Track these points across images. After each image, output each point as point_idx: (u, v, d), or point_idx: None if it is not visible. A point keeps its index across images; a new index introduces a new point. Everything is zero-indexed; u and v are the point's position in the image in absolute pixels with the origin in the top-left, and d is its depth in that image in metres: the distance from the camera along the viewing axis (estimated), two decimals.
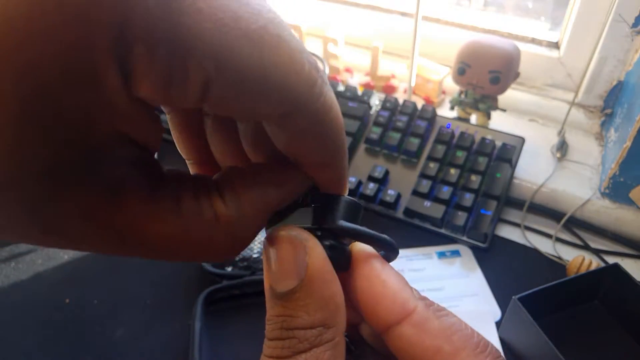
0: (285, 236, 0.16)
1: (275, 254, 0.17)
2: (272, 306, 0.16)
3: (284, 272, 0.16)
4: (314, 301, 0.16)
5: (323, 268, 0.16)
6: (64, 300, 0.49)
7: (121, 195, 0.13)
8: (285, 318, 0.16)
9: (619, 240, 0.55)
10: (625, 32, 0.59)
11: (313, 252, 0.16)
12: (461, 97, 0.64)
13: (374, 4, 0.82)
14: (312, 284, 0.16)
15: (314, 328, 0.16)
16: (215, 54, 0.12)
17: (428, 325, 0.16)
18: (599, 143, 0.65)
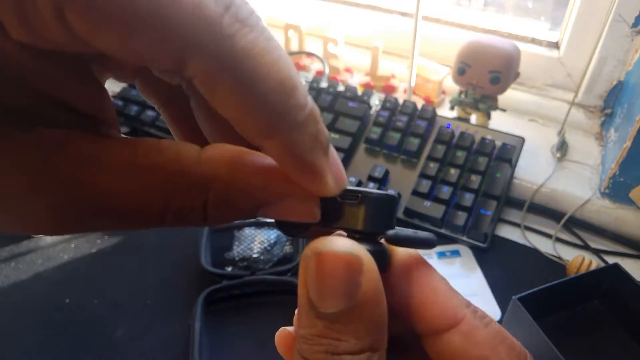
0: (339, 253, 0.14)
1: (320, 269, 0.14)
2: (313, 324, 0.14)
3: (331, 292, 0.14)
4: (364, 325, 0.14)
5: (377, 289, 0.15)
6: (64, 300, 0.49)
7: (60, 149, 0.13)
8: (331, 341, 0.14)
9: (619, 240, 0.55)
10: (625, 32, 0.59)
11: (369, 273, 0.15)
12: (461, 97, 0.64)
13: (374, 4, 0.82)
14: (364, 308, 0.14)
15: (363, 353, 0.14)
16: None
17: (475, 334, 0.16)
18: (599, 143, 0.65)
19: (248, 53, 0.12)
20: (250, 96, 0.12)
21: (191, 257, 0.52)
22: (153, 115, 0.69)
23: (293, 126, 0.13)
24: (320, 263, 0.14)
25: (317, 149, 0.14)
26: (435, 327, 0.16)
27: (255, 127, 0.13)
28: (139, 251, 0.54)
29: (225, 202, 0.14)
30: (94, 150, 0.13)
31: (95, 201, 0.13)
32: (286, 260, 0.52)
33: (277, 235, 0.54)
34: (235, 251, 0.52)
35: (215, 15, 0.12)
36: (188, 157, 0.14)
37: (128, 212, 0.13)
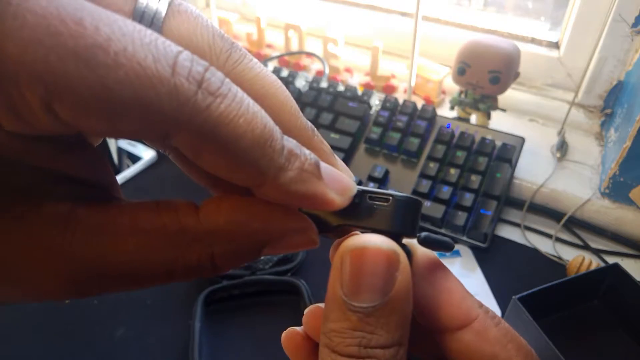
0: (381, 249, 0.16)
1: (358, 264, 0.15)
2: (346, 318, 0.15)
3: (368, 286, 0.15)
4: (396, 319, 0.15)
5: (409, 286, 0.16)
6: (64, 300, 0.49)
7: (69, 223, 0.14)
8: (365, 334, 0.15)
9: (619, 240, 0.55)
10: (625, 32, 0.59)
11: (404, 270, 0.16)
12: (461, 97, 0.64)
13: (374, 4, 0.82)
14: (397, 302, 0.15)
15: (393, 347, 0.15)
16: (41, 77, 0.11)
17: (487, 333, 0.17)
18: (599, 143, 0.65)
19: (223, 120, 0.13)
20: (232, 156, 0.14)
21: None
22: None
23: (277, 170, 0.14)
24: (360, 258, 0.15)
25: (308, 179, 0.15)
26: (450, 325, 0.17)
27: (243, 181, 0.14)
28: None
29: (230, 251, 0.15)
30: (99, 220, 0.14)
31: (105, 268, 0.14)
32: (286, 260, 0.52)
33: None
34: None
35: (190, 93, 0.13)
36: (187, 216, 0.15)
37: (137, 275, 0.15)
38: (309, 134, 0.18)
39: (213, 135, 0.13)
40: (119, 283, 0.15)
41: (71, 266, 0.14)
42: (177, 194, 0.61)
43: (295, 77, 0.68)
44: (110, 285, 0.15)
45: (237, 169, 0.14)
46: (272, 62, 0.79)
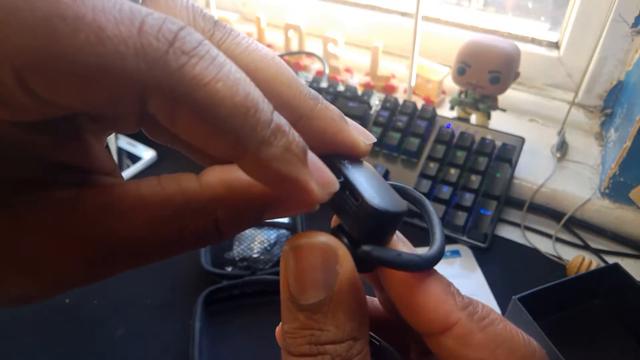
0: (315, 243, 0.15)
1: (299, 262, 0.15)
2: (294, 318, 0.15)
3: (311, 282, 0.15)
4: (344, 313, 0.15)
5: (353, 277, 0.15)
6: (64, 300, 0.49)
7: (77, 206, 0.14)
8: (313, 332, 0.15)
9: (619, 240, 0.55)
10: (625, 32, 0.59)
11: (345, 262, 0.15)
12: (461, 97, 0.64)
13: (373, 4, 0.82)
14: (342, 295, 0.15)
15: (344, 342, 0.15)
16: (7, 56, 0.11)
17: (470, 338, 0.16)
18: (599, 143, 0.65)
19: (198, 83, 0.12)
20: (208, 123, 0.13)
21: (191, 257, 0.52)
22: None
23: (259, 144, 0.13)
24: (298, 255, 0.15)
25: (292, 161, 0.14)
26: (427, 330, 0.16)
27: (222, 151, 0.14)
28: None
29: (233, 217, 0.16)
30: (104, 200, 0.15)
31: (118, 246, 0.15)
32: None
33: (277, 235, 0.54)
34: (235, 251, 0.52)
35: (159, 52, 0.12)
36: (189, 187, 0.15)
37: (148, 248, 0.15)
38: (310, 104, 0.17)
39: (188, 98, 0.12)
40: (132, 259, 0.15)
41: (84, 247, 0.14)
42: None
43: None
44: (124, 263, 0.15)
45: (215, 138, 0.13)
46: None
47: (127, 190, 0.15)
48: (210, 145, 0.14)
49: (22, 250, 0.14)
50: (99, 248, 0.14)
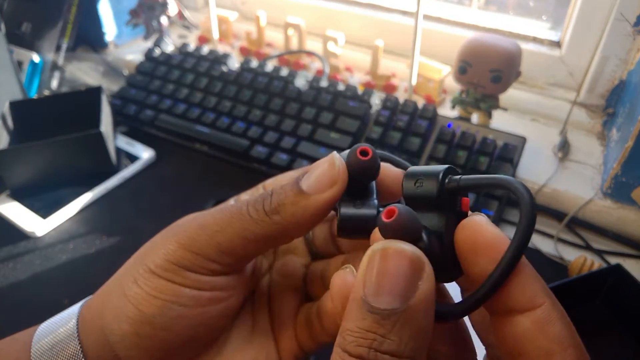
0: (406, 252, 0.15)
1: (384, 265, 0.15)
2: (362, 317, 0.15)
3: (389, 288, 0.15)
4: (411, 329, 0.15)
5: (430, 300, 0.15)
6: (62, 301, 0.49)
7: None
8: (377, 337, 0.15)
9: (621, 241, 0.54)
10: (627, 31, 0.59)
11: (428, 281, 0.15)
12: (462, 97, 0.63)
13: (374, 3, 0.82)
14: (415, 312, 0.15)
15: (403, 358, 0.15)
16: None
17: (549, 326, 0.16)
18: (601, 143, 0.64)
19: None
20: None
21: None
22: (151, 114, 0.68)
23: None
24: (385, 258, 0.15)
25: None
26: (510, 306, 0.16)
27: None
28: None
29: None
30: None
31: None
32: None
33: None
34: None
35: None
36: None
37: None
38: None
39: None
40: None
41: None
42: (176, 194, 0.60)
43: (295, 76, 0.67)
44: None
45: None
46: (271, 61, 0.79)
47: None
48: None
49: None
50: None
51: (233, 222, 0.22)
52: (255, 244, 0.22)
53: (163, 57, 0.75)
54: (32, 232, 0.55)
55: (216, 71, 0.70)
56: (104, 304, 0.23)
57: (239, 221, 0.21)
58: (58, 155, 0.59)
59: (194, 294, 0.22)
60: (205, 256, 0.22)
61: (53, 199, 0.58)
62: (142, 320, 0.21)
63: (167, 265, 0.22)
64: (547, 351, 0.15)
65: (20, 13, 0.81)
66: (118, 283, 0.23)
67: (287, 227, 0.21)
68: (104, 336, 0.22)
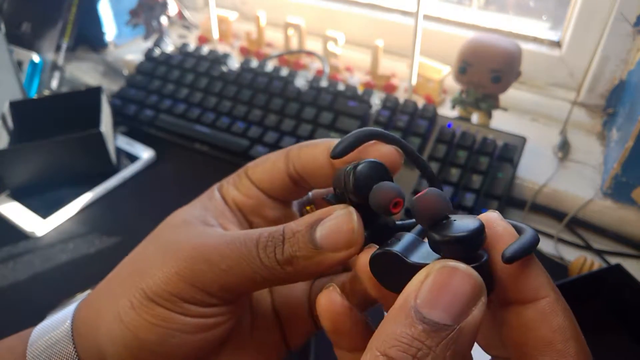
0: (472, 276, 0.16)
1: (448, 280, 0.16)
2: (411, 325, 0.15)
3: (446, 304, 0.15)
4: (454, 350, 0.15)
5: (478, 324, 0.16)
6: (63, 300, 0.49)
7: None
8: (423, 348, 0.14)
9: (621, 241, 0.54)
10: (627, 31, 0.59)
11: (482, 307, 0.16)
12: (462, 97, 0.63)
13: (374, 3, 0.82)
14: (464, 333, 0.15)
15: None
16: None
17: (552, 318, 0.16)
18: (601, 143, 0.64)
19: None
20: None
21: None
22: (151, 114, 0.68)
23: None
24: (451, 275, 0.16)
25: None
26: (515, 296, 0.17)
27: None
28: None
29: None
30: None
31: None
32: None
33: None
34: None
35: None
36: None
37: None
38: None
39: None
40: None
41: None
42: (176, 193, 0.60)
43: (295, 76, 0.67)
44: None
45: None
46: (271, 61, 0.79)
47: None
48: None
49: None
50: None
51: (242, 264, 0.21)
52: (262, 285, 0.22)
53: (163, 57, 0.75)
54: (32, 232, 0.55)
55: (216, 71, 0.70)
56: (98, 321, 0.23)
57: (248, 265, 0.21)
58: (58, 155, 0.59)
59: (195, 322, 0.22)
60: (208, 292, 0.21)
61: (53, 199, 0.58)
62: (141, 346, 0.21)
63: (166, 296, 0.21)
64: (548, 341, 0.16)
65: (20, 13, 0.81)
66: (112, 301, 0.22)
67: (298, 277, 0.21)
68: (100, 353, 0.22)
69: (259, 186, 0.26)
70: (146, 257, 0.23)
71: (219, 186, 0.28)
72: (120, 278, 0.23)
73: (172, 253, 0.22)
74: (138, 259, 0.24)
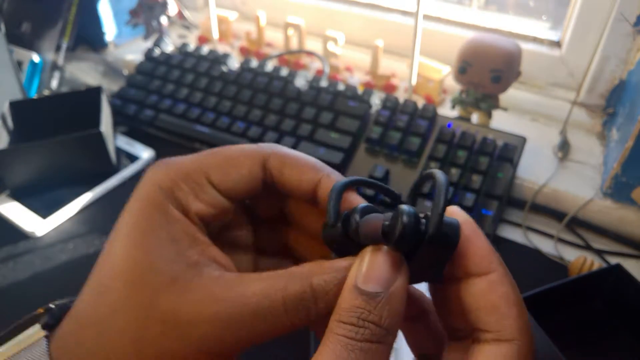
0: (392, 256, 0.20)
1: (375, 260, 0.20)
2: (354, 298, 0.19)
3: (376, 278, 0.19)
4: (389, 310, 0.19)
5: (405, 288, 0.20)
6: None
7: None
8: (364, 311, 0.19)
9: (621, 241, 0.54)
10: (627, 31, 0.59)
11: (404, 277, 0.20)
12: (462, 96, 0.63)
13: (374, 3, 0.82)
14: (393, 297, 0.19)
15: (382, 328, 0.19)
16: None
17: (499, 287, 0.20)
18: (601, 143, 0.64)
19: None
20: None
21: None
22: (151, 114, 0.68)
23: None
24: (376, 255, 0.20)
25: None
26: (470, 270, 0.21)
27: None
28: None
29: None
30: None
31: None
32: None
33: None
34: None
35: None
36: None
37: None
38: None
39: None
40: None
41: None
42: None
43: (295, 76, 0.67)
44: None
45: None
46: (271, 61, 0.79)
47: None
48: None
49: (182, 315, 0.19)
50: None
51: (261, 326, 0.20)
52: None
53: (163, 57, 0.75)
54: (32, 232, 0.55)
55: (216, 71, 0.70)
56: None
57: (268, 324, 0.20)
58: (58, 155, 0.59)
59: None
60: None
61: (53, 199, 0.58)
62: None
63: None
64: (495, 305, 0.20)
65: (20, 13, 0.81)
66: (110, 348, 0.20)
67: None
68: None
69: (227, 194, 0.23)
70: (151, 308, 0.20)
71: (171, 199, 0.21)
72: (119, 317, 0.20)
73: (188, 330, 0.19)
74: (143, 299, 0.20)
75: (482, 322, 0.20)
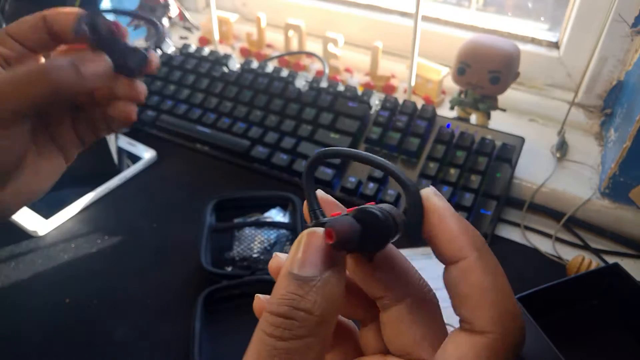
0: (321, 233, 0.19)
1: (309, 243, 0.19)
2: (288, 284, 0.18)
3: (310, 261, 0.19)
4: (323, 295, 0.18)
5: (341, 275, 0.19)
6: (63, 300, 0.49)
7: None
8: (296, 297, 0.18)
9: (619, 240, 0.55)
10: (625, 32, 0.59)
11: (342, 260, 0.19)
12: (461, 97, 0.64)
13: (373, 4, 0.82)
14: (327, 284, 0.19)
15: (315, 316, 0.18)
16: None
17: (469, 275, 0.19)
18: (599, 143, 0.65)
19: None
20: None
21: (191, 257, 0.52)
22: (153, 115, 0.69)
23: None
24: (310, 238, 0.19)
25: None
26: (442, 259, 0.20)
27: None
28: (139, 251, 0.54)
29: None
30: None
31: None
32: None
33: (277, 235, 0.54)
34: (235, 251, 0.52)
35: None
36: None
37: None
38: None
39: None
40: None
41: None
42: (177, 194, 0.61)
43: (295, 77, 0.68)
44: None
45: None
46: (272, 62, 0.79)
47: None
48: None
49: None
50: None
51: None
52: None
53: (164, 58, 0.75)
54: (34, 231, 0.55)
55: (217, 72, 0.71)
56: None
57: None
58: None
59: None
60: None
61: (55, 199, 0.59)
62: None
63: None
64: (466, 295, 0.19)
65: (21, 13, 0.81)
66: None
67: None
68: None
69: (20, 40, 0.34)
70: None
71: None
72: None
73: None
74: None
75: (457, 312, 0.19)
